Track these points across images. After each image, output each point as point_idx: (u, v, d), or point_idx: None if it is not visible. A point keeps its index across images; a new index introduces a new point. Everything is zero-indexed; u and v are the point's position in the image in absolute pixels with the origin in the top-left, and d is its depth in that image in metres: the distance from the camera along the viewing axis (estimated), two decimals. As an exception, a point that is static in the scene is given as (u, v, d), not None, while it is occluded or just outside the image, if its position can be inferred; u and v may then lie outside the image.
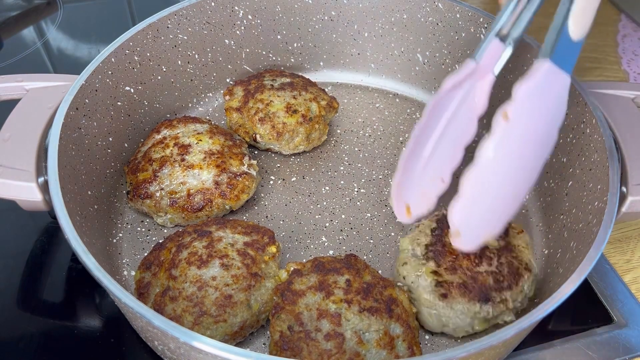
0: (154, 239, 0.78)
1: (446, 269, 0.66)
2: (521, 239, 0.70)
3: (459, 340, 0.68)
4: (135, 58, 0.83)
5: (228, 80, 0.98)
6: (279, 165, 0.88)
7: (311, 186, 0.85)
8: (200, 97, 0.96)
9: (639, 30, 1.22)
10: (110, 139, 0.81)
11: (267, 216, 0.81)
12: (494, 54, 0.68)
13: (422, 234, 0.70)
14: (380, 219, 0.81)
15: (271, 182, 0.86)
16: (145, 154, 0.80)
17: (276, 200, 0.83)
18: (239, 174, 0.78)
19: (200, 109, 0.96)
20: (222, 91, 0.95)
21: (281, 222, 0.80)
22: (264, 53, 0.98)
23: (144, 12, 1.08)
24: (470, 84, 0.69)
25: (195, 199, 0.76)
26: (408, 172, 0.72)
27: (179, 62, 0.90)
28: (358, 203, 0.83)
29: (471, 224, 0.63)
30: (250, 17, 0.94)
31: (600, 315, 0.72)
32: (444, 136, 0.71)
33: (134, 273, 0.72)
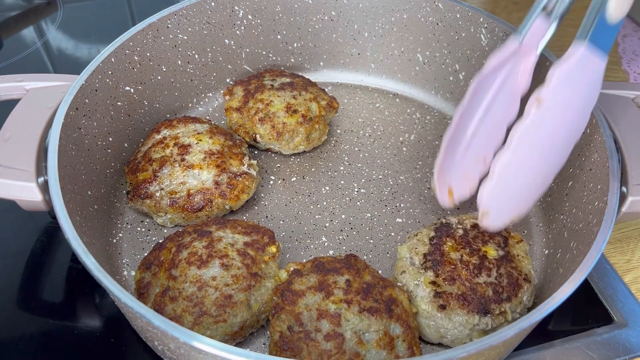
0: (154, 239, 0.78)
1: (445, 279, 0.65)
2: (520, 249, 0.70)
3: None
4: (135, 58, 0.83)
5: (228, 80, 0.98)
6: (279, 165, 0.88)
7: (311, 186, 0.85)
8: (200, 97, 0.96)
9: (639, 30, 1.22)
10: (110, 139, 0.81)
11: (267, 216, 0.81)
12: (538, 31, 0.66)
13: (421, 242, 0.70)
14: (380, 219, 0.81)
15: (271, 182, 0.86)
16: (145, 154, 0.80)
17: (276, 200, 0.83)
18: (239, 174, 0.78)
19: (200, 109, 0.96)
20: (222, 91, 0.95)
21: (281, 222, 0.80)
22: (264, 53, 0.98)
23: (144, 12, 1.08)
24: (513, 63, 0.67)
25: (195, 199, 0.76)
26: (450, 154, 0.71)
27: (179, 62, 0.90)
28: (358, 203, 0.83)
29: (500, 204, 0.63)
30: (250, 17, 0.94)
31: (600, 315, 0.72)
32: (486, 116, 0.70)
33: (134, 273, 0.72)
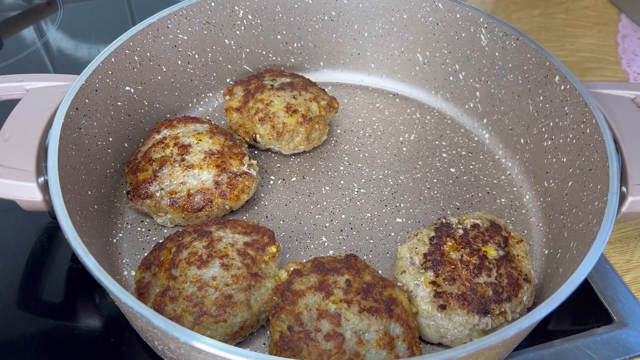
0: (154, 239, 0.78)
1: (445, 279, 0.65)
2: (520, 249, 0.70)
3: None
4: (135, 58, 0.83)
5: (228, 80, 0.98)
6: (279, 165, 0.88)
7: (311, 186, 0.85)
8: (200, 97, 0.96)
9: (639, 30, 1.22)
10: (110, 139, 0.81)
11: (267, 216, 0.81)
12: None
13: (421, 242, 0.70)
14: (380, 219, 0.81)
15: (271, 182, 0.86)
16: (145, 154, 0.80)
17: (276, 200, 0.83)
18: (239, 174, 0.78)
19: (200, 109, 0.96)
20: (222, 91, 0.95)
21: (281, 222, 0.80)
22: (264, 53, 0.98)
23: (144, 12, 1.09)
24: None
25: (195, 199, 0.76)
26: None
27: (179, 62, 0.90)
28: (358, 203, 0.83)
29: None
30: (250, 17, 0.94)
31: (600, 315, 0.72)
32: None
33: (134, 273, 0.72)
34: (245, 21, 0.94)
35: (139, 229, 0.79)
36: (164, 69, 0.89)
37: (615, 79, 1.10)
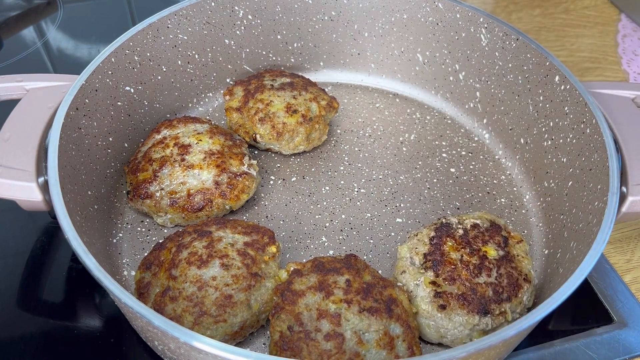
0: (154, 239, 0.78)
1: (445, 279, 0.65)
2: (520, 249, 0.70)
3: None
4: (135, 58, 0.83)
5: (228, 80, 0.98)
6: (279, 165, 0.88)
7: (311, 186, 0.85)
8: (200, 97, 0.96)
9: (639, 30, 1.22)
10: (110, 139, 0.81)
11: (267, 216, 0.81)
12: None
13: (421, 242, 0.70)
14: (380, 219, 0.81)
15: (271, 182, 0.86)
16: (145, 154, 0.80)
17: (276, 200, 0.83)
18: (239, 174, 0.78)
19: (200, 109, 0.96)
20: (222, 91, 0.95)
21: (281, 222, 0.80)
22: (264, 53, 0.98)
23: (144, 12, 1.09)
24: None
25: (195, 199, 0.76)
26: None
27: (179, 62, 0.90)
28: (358, 203, 0.83)
29: None
30: (250, 17, 0.94)
31: (600, 315, 0.72)
32: None
33: (134, 273, 0.72)
34: (245, 21, 0.94)
35: (139, 229, 0.79)
36: (164, 69, 0.89)
37: (615, 79, 1.10)
